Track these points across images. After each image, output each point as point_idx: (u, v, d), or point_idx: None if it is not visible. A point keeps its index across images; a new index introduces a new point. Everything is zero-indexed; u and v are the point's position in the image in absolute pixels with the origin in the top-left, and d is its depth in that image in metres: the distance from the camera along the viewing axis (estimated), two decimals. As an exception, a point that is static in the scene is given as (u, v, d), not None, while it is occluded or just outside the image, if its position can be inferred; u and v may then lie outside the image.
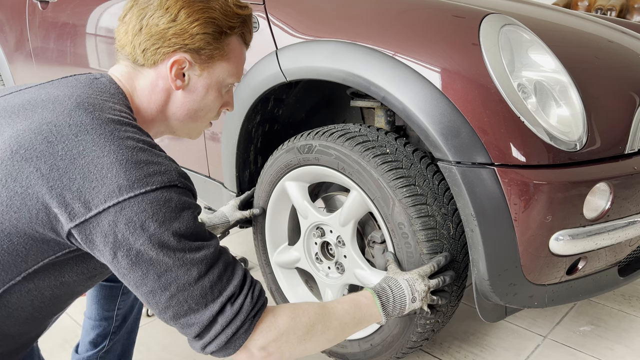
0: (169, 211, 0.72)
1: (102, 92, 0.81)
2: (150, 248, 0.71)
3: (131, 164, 0.71)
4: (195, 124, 0.95)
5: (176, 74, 0.86)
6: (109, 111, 0.77)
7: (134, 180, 0.70)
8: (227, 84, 0.92)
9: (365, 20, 1.20)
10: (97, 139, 0.72)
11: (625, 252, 1.21)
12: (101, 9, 1.92)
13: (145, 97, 0.88)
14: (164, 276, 0.72)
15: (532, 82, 1.05)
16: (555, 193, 1.01)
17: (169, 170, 0.74)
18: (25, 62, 2.39)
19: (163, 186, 0.72)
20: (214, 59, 0.88)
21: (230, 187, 1.59)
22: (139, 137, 0.76)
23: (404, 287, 1.02)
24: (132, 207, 0.70)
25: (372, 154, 1.14)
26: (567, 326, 1.57)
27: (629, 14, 3.65)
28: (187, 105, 0.90)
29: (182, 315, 0.74)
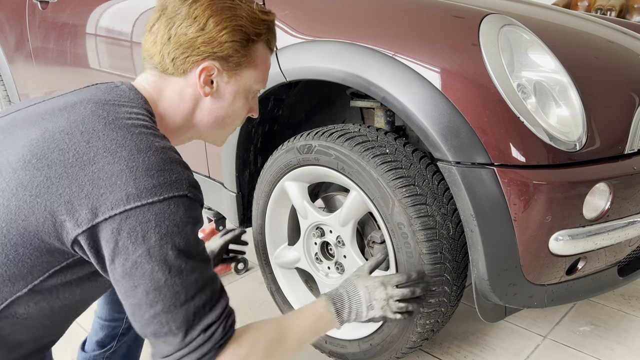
0: (173, 224, 0.72)
1: (119, 97, 0.82)
2: (148, 260, 0.70)
3: (141, 171, 0.71)
4: (222, 130, 0.95)
5: (205, 81, 0.86)
6: (124, 115, 0.77)
7: (142, 189, 0.70)
8: (253, 90, 0.93)
9: (365, 20, 1.20)
10: (109, 145, 0.72)
11: (625, 252, 1.21)
12: (101, 9, 1.92)
13: (173, 105, 0.88)
14: (152, 293, 0.71)
15: (531, 83, 1.05)
16: (555, 193, 1.01)
17: (180, 179, 0.74)
18: (25, 62, 2.39)
19: (172, 197, 0.72)
20: (242, 66, 0.88)
21: (230, 187, 1.59)
22: (152, 140, 0.75)
23: (361, 294, 1.01)
24: (137, 216, 0.69)
25: (371, 154, 1.14)
26: (567, 326, 1.57)
27: (629, 14, 3.65)
28: (215, 112, 0.91)
29: (162, 335, 0.74)
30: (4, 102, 2.78)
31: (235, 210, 1.61)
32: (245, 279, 1.88)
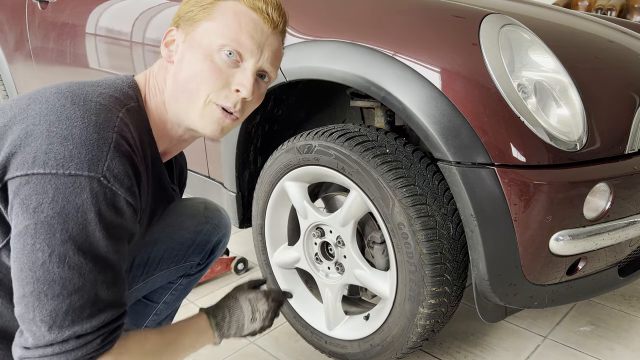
0: (72, 206, 0.65)
1: (103, 81, 0.80)
2: (32, 235, 0.64)
3: (58, 139, 0.66)
4: (191, 100, 0.81)
5: (166, 45, 0.83)
6: (87, 91, 0.74)
7: (51, 157, 0.65)
8: (216, 47, 0.79)
9: (365, 20, 1.20)
10: (43, 109, 0.69)
11: (626, 252, 1.21)
12: (101, 9, 1.92)
13: (154, 85, 0.85)
14: (25, 271, 0.65)
15: (532, 82, 1.05)
16: (555, 193, 1.01)
17: (97, 160, 0.66)
18: (25, 62, 2.39)
19: (79, 175, 0.65)
20: (197, 21, 0.80)
21: (230, 188, 1.59)
22: (93, 115, 0.69)
23: (244, 308, 0.98)
24: (36, 184, 0.64)
25: (371, 154, 1.14)
26: (567, 326, 1.57)
27: (629, 14, 3.65)
28: (177, 76, 0.81)
29: (25, 321, 0.67)
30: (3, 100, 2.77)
31: (235, 211, 1.60)
32: (245, 279, 1.87)
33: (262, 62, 0.82)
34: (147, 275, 1.09)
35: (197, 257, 1.16)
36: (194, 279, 1.20)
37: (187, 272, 1.17)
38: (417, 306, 1.16)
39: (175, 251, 1.11)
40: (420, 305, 1.15)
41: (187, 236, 1.12)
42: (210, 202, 1.20)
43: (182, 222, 1.12)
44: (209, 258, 1.19)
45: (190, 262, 1.15)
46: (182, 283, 1.18)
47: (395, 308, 1.21)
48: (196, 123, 0.83)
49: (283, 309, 1.52)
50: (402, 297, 1.18)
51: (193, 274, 1.19)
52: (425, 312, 1.15)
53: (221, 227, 1.18)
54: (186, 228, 1.12)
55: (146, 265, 1.08)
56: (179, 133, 0.88)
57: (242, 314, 0.98)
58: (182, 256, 1.13)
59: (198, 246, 1.14)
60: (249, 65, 0.81)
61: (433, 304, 1.14)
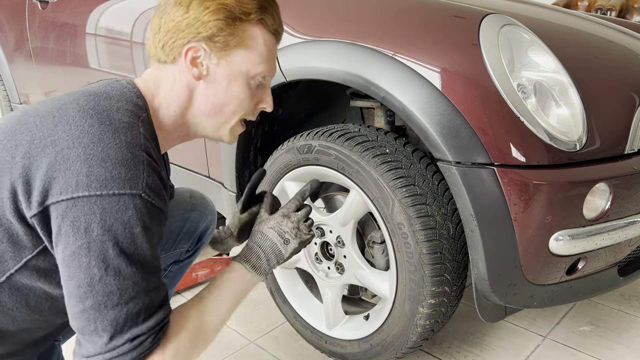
0: (119, 222, 0.69)
1: (111, 90, 0.81)
2: (86, 253, 0.68)
3: (97, 161, 0.69)
4: (224, 121, 0.89)
5: (192, 62, 0.83)
6: (105, 106, 0.76)
7: (93, 179, 0.68)
8: (253, 74, 0.86)
9: (365, 20, 1.20)
10: (74, 131, 0.71)
11: (625, 252, 1.21)
12: (101, 9, 1.92)
13: (168, 95, 0.86)
14: (84, 287, 0.69)
15: (532, 82, 1.05)
16: (555, 193, 1.01)
17: (136, 178, 0.71)
18: (25, 62, 2.39)
19: (122, 193, 0.69)
20: (230, 47, 0.84)
21: (230, 187, 1.59)
22: (122, 134, 0.72)
23: (271, 236, 0.97)
24: (84, 206, 0.68)
25: (371, 154, 1.14)
26: (567, 326, 1.57)
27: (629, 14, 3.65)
28: (212, 98, 0.86)
29: (87, 333, 0.71)
30: (4, 102, 2.78)
31: (235, 210, 1.60)
32: (245, 279, 1.88)
33: None
34: None
35: (186, 244, 1.17)
36: (183, 265, 1.22)
37: (177, 259, 1.19)
38: (417, 306, 1.16)
39: (165, 239, 1.13)
40: (420, 305, 1.15)
41: (175, 224, 1.14)
42: (195, 191, 1.23)
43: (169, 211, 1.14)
44: (197, 244, 1.20)
45: (180, 249, 1.17)
46: (172, 270, 1.20)
47: (395, 308, 1.21)
48: (223, 137, 0.92)
49: (283, 309, 1.52)
50: (402, 297, 1.18)
51: (182, 260, 1.20)
52: (425, 312, 1.15)
53: (207, 213, 1.20)
54: (174, 216, 1.13)
55: None
56: (189, 137, 0.92)
57: (273, 243, 0.98)
58: (171, 244, 1.15)
59: (186, 233, 1.16)
60: (268, 82, 0.91)
61: (433, 303, 1.15)
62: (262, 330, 1.58)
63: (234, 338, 1.55)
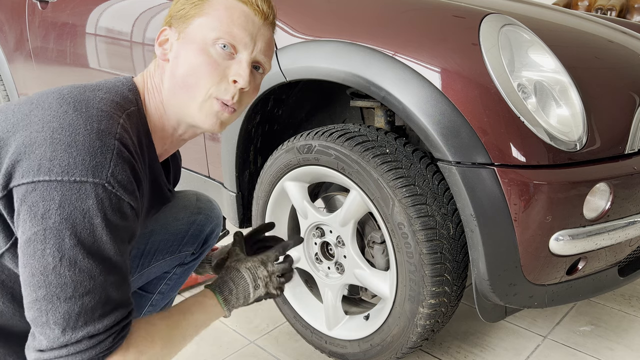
0: (79, 211, 0.66)
1: (104, 84, 0.81)
2: (42, 240, 0.66)
3: (63, 146, 0.67)
4: (190, 96, 0.82)
5: (160, 44, 0.83)
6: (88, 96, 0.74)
7: (56, 165, 0.66)
8: (210, 40, 0.80)
9: (365, 20, 1.20)
10: (46, 115, 0.70)
11: (625, 252, 1.21)
12: (101, 9, 1.92)
13: (151, 82, 0.86)
14: (38, 276, 0.66)
15: (532, 82, 1.05)
16: (555, 193, 1.01)
17: (101, 167, 0.68)
18: (25, 62, 2.39)
19: (84, 181, 0.67)
20: (189, 17, 0.82)
21: (230, 187, 1.59)
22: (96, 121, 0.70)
23: (246, 276, 0.98)
24: (43, 191, 0.65)
25: (371, 154, 1.14)
26: (567, 326, 1.57)
27: (629, 14, 3.65)
28: (174, 72, 0.82)
29: (39, 325, 0.68)
30: (4, 102, 2.78)
31: (235, 211, 1.60)
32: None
33: (255, 53, 0.84)
34: (143, 267, 1.11)
35: (191, 247, 1.18)
36: (188, 268, 1.22)
37: (181, 262, 1.19)
38: (417, 306, 1.16)
39: (170, 242, 1.13)
40: (420, 305, 1.15)
41: (181, 227, 1.14)
42: (201, 194, 1.23)
43: (175, 214, 1.14)
44: (203, 247, 1.21)
45: (185, 252, 1.17)
46: (176, 272, 1.20)
47: (395, 308, 1.21)
48: (195, 117, 0.84)
49: (283, 309, 1.52)
50: (402, 297, 1.18)
51: (187, 262, 1.20)
52: (425, 312, 1.15)
53: (213, 217, 1.21)
54: (180, 219, 1.14)
55: (142, 256, 1.10)
56: (178, 132, 0.89)
57: (246, 283, 0.99)
58: (176, 246, 1.15)
59: (192, 236, 1.16)
60: (243, 56, 0.83)
61: (433, 303, 1.15)
62: (262, 330, 1.58)
63: (234, 338, 1.54)
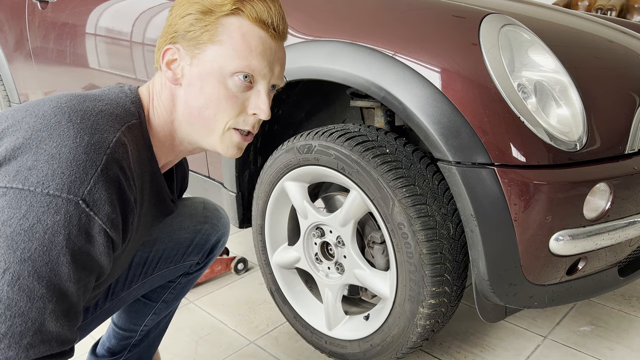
0: (41, 225, 0.62)
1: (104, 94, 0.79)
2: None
3: (45, 156, 0.64)
4: (208, 127, 0.80)
5: (167, 65, 0.79)
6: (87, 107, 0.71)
7: (33, 174, 0.63)
8: (229, 72, 0.77)
9: (365, 20, 1.20)
10: (37, 123, 0.67)
11: (625, 252, 1.21)
12: (101, 9, 1.92)
13: (157, 102, 0.83)
14: None
15: (532, 82, 1.05)
16: (555, 193, 1.01)
17: (80, 183, 0.64)
18: (25, 62, 2.39)
19: (56, 195, 0.63)
20: (201, 42, 0.76)
21: (230, 187, 1.59)
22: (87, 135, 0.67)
23: None
24: (12, 198, 0.62)
25: (371, 154, 1.14)
26: (567, 326, 1.57)
27: (629, 14, 3.65)
28: (190, 102, 0.79)
29: None
30: (4, 102, 2.78)
31: (235, 210, 1.61)
32: (245, 279, 1.88)
33: (273, 80, 0.82)
34: (146, 275, 1.10)
35: (196, 256, 1.16)
36: (192, 278, 1.21)
37: (186, 271, 1.18)
38: (417, 306, 1.16)
39: (175, 251, 1.12)
40: (420, 305, 1.15)
41: (186, 236, 1.12)
42: (208, 202, 1.20)
43: (181, 222, 1.12)
44: (208, 257, 1.19)
45: (190, 262, 1.15)
46: (181, 282, 1.19)
47: (395, 308, 1.21)
48: (216, 147, 0.83)
49: (283, 310, 1.52)
50: (402, 297, 1.18)
51: (192, 272, 1.19)
52: (425, 312, 1.15)
53: (220, 226, 1.18)
54: (185, 228, 1.12)
55: (145, 264, 1.09)
56: (188, 149, 0.87)
57: None
58: (181, 255, 1.13)
59: (197, 246, 1.14)
60: (262, 87, 0.80)
61: (433, 304, 1.15)
62: (262, 330, 1.58)
63: (234, 338, 1.55)
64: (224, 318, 1.64)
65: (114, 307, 1.08)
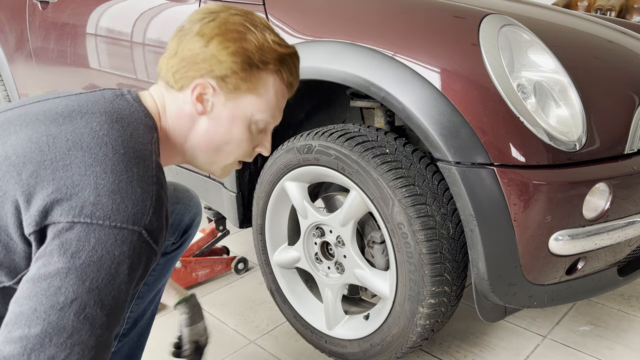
0: (110, 256, 0.66)
1: (121, 109, 0.80)
2: (62, 278, 0.64)
3: (106, 191, 0.68)
4: (219, 158, 0.90)
5: (197, 98, 0.83)
6: (117, 131, 0.75)
7: (98, 209, 0.67)
8: (256, 120, 0.87)
9: (365, 20, 1.20)
10: (87, 158, 0.70)
11: (625, 252, 1.21)
12: (101, 9, 1.92)
13: (174, 121, 0.86)
14: (38, 312, 0.63)
15: (531, 83, 1.05)
16: (554, 193, 1.01)
17: (141, 214, 0.69)
18: (26, 62, 2.39)
19: (122, 227, 0.67)
20: (241, 90, 0.84)
21: (230, 187, 1.59)
22: (135, 165, 0.71)
23: None
24: (80, 232, 0.66)
25: (371, 154, 1.14)
26: (566, 326, 1.57)
27: (629, 14, 3.65)
28: (211, 135, 0.86)
29: None
30: (4, 102, 2.78)
31: (235, 210, 1.61)
32: (245, 279, 1.88)
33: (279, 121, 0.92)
34: None
35: (171, 237, 1.17)
36: (171, 257, 1.21)
37: (163, 251, 1.18)
38: (417, 306, 1.16)
39: None
40: (420, 305, 1.15)
41: None
42: (178, 184, 1.22)
43: None
44: (183, 237, 1.20)
45: (165, 242, 1.16)
46: (159, 262, 1.19)
47: (395, 308, 1.22)
48: (213, 171, 0.92)
49: (283, 309, 1.52)
50: (401, 297, 1.19)
51: (169, 252, 1.20)
52: (424, 311, 1.16)
53: (192, 206, 1.20)
54: None
55: None
56: (178, 162, 0.93)
57: None
58: None
59: (171, 227, 1.16)
60: (270, 127, 0.91)
61: (433, 303, 1.15)
62: (262, 330, 1.58)
63: (234, 338, 1.55)
64: (224, 318, 1.64)
65: None
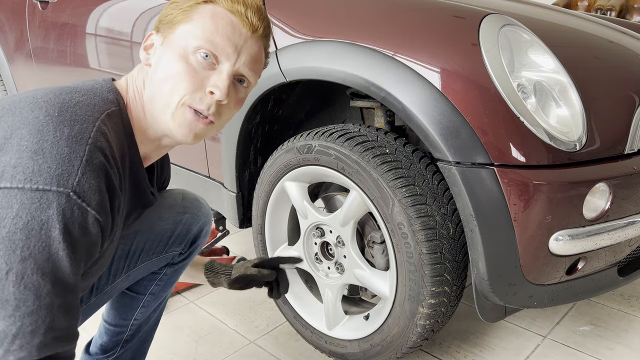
0: (36, 221, 0.62)
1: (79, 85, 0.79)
2: None
3: (28, 152, 0.63)
4: (164, 102, 0.79)
5: (144, 49, 0.82)
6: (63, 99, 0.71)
7: (19, 171, 0.62)
8: (192, 49, 0.78)
9: (364, 20, 1.20)
10: (16, 121, 0.67)
11: (625, 252, 1.21)
12: (101, 9, 1.92)
13: (133, 88, 0.84)
14: None
15: (531, 83, 1.05)
16: (554, 193, 1.01)
17: (67, 174, 0.64)
18: (25, 62, 2.39)
19: (47, 190, 0.62)
20: (175, 24, 0.80)
21: (230, 187, 1.59)
22: (66, 127, 0.67)
23: None
24: (1, 198, 0.62)
25: (371, 154, 1.14)
26: (566, 326, 1.57)
27: (629, 14, 3.65)
28: (153, 78, 0.80)
29: None
30: None
31: (235, 210, 1.61)
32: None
33: (238, 65, 0.81)
34: (129, 268, 1.09)
35: (178, 247, 1.15)
36: (178, 268, 1.20)
37: (169, 262, 1.17)
38: (417, 306, 1.16)
39: (156, 242, 1.11)
40: (420, 305, 1.15)
41: (166, 227, 1.12)
42: (188, 192, 1.20)
43: (161, 214, 1.12)
44: (191, 247, 1.19)
45: (172, 252, 1.15)
46: (166, 273, 1.18)
47: (395, 308, 1.22)
48: (169, 125, 0.81)
49: (283, 309, 1.52)
50: (402, 297, 1.19)
51: (176, 263, 1.19)
52: (425, 311, 1.16)
53: (201, 216, 1.18)
54: (165, 219, 1.12)
55: (127, 257, 1.08)
56: (157, 138, 0.87)
57: None
58: (163, 247, 1.13)
59: (178, 237, 1.14)
60: (224, 67, 0.80)
61: (433, 303, 1.15)
62: (262, 330, 1.58)
63: (234, 338, 1.55)
64: (224, 318, 1.64)
65: (99, 303, 1.08)
